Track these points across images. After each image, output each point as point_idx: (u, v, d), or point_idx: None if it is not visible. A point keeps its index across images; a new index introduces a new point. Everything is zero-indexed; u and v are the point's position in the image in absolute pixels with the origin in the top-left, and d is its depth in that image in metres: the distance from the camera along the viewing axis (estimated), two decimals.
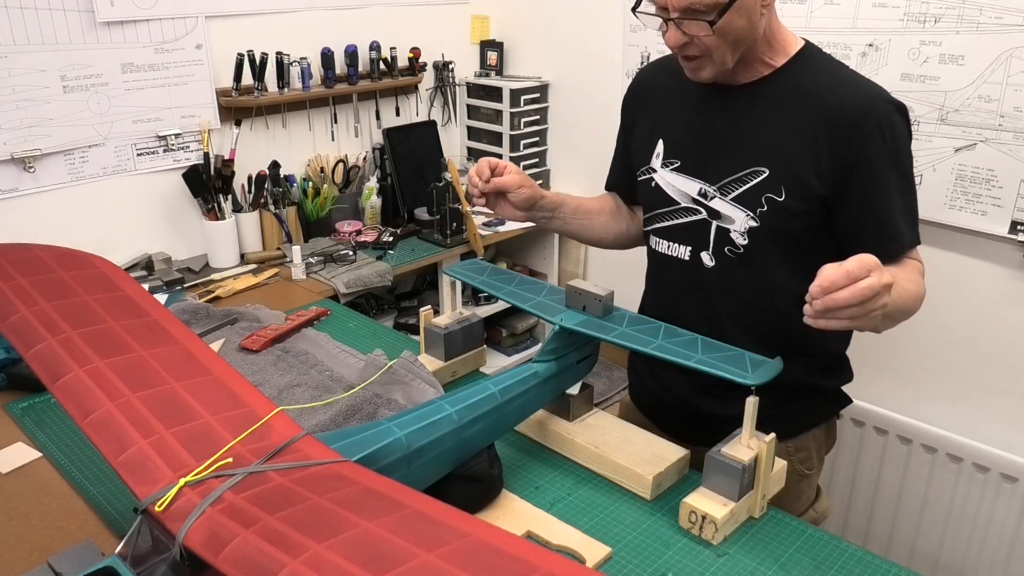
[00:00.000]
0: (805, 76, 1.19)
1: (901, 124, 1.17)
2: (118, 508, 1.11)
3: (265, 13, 2.30)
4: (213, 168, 2.18)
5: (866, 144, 1.14)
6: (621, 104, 1.46)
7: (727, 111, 1.23)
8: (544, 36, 2.78)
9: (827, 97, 1.16)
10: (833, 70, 1.20)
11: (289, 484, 0.79)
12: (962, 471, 1.97)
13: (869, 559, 1.03)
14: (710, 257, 1.26)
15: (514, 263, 2.95)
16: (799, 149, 1.17)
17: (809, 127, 1.16)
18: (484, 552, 0.69)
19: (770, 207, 1.19)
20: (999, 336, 1.90)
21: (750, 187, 1.20)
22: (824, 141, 1.15)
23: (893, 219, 1.17)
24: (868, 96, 1.16)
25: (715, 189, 1.23)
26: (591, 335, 1.16)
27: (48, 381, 0.94)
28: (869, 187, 1.16)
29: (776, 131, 1.19)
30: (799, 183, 1.17)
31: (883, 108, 1.15)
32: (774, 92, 1.20)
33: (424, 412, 1.01)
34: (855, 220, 1.18)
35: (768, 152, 1.19)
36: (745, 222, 1.21)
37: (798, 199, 1.18)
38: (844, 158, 1.15)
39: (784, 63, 1.21)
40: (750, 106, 1.22)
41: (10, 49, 1.86)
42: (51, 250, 1.21)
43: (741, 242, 1.23)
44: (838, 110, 1.15)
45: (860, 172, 1.15)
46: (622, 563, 1.01)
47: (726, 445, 1.06)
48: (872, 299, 0.92)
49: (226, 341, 1.59)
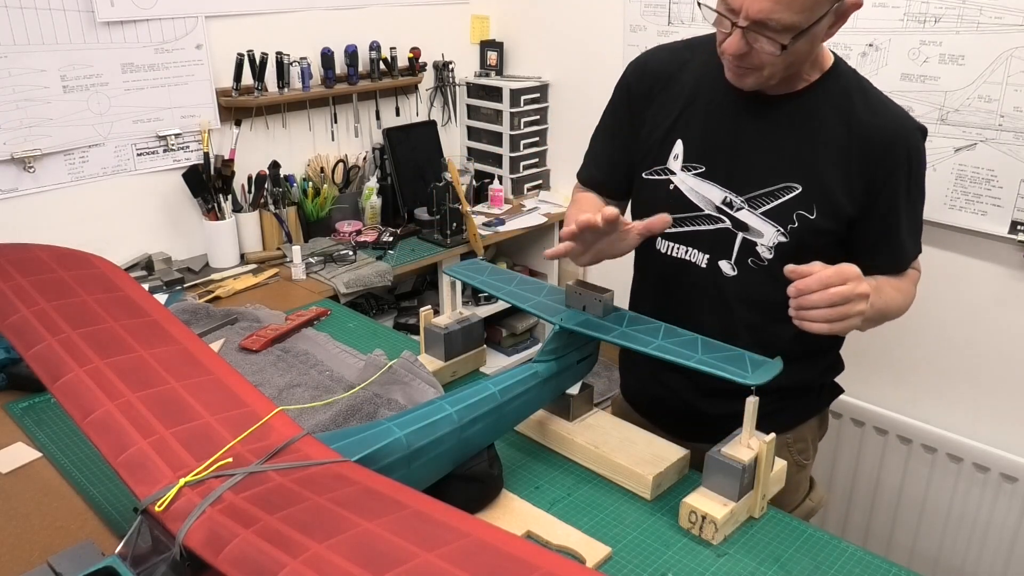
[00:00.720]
0: (838, 93, 1.18)
1: (923, 149, 1.19)
2: (118, 508, 1.11)
3: (265, 13, 2.30)
4: (213, 168, 2.18)
5: (895, 170, 1.16)
6: (617, 91, 1.35)
7: (758, 120, 1.20)
8: (544, 36, 2.78)
9: (861, 118, 1.16)
10: (864, 90, 1.20)
11: (289, 484, 0.79)
12: (962, 471, 1.97)
13: (869, 559, 1.03)
14: (731, 267, 1.24)
15: (514, 263, 2.95)
16: (832, 168, 1.16)
17: (843, 146, 1.16)
18: (484, 552, 0.69)
19: (801, 224, 1.18)
20: (999, 336, 1.90)
21: (782, 203, 1.18)
22: (856, 162, 1.15)
23: (903, 240, 1.21)
24: (900, 122, 1.17)
25: (742, 200, 1.20)
26: (591, 335, 1.16)
27: (48, 381, 0.93)
28: (889, 209, 1.18)
29: (810, 147, 1.17)
30: (831, 202, 1.17)
31: (914, 136, 1.17)
32: (808, 107, 1.18)
33: (424, 412, 1.00)
34: (869, 238, 1.20)
35: (801, 168, 1.17)
36: (774, 237, 1.19)
37: (829, 218, 1.18)
38: (873, 182, 1.16)
39: (818, 78, 1.19)
40: (783, 118, 1.19)
41: (10, 49, 1.86)
42: (51, 250, 1.21)
43: (766, 256, 1.21)
44: (873, 133, 1.15)
45: (884, 195, 1.17)
46: (622, 563, 1.01)
47: (726, 445, 1.06)
48: (845, 305, 1.01)
49: (226, 341, 1.59)
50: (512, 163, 2.82)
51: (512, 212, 2.72)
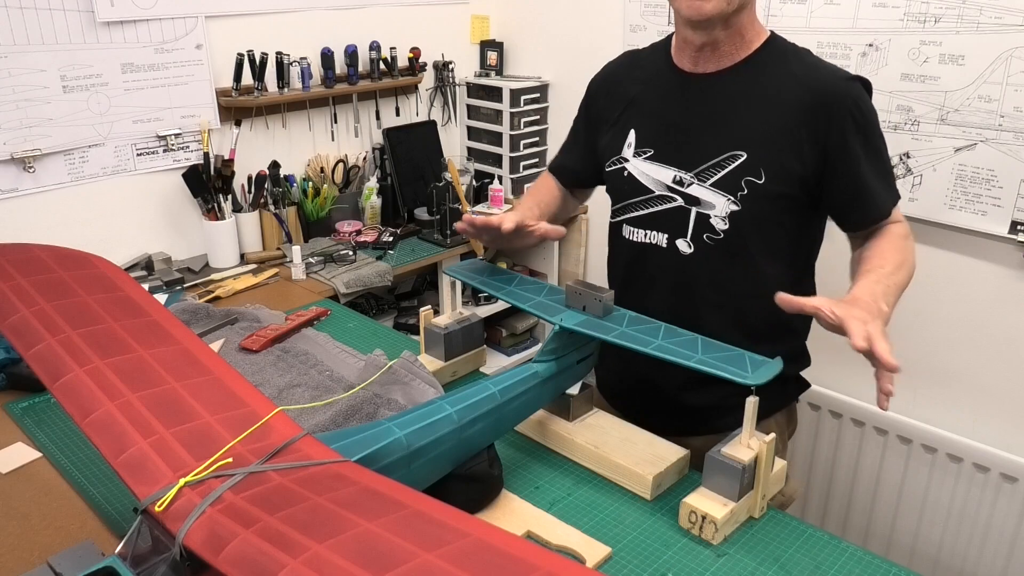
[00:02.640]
0: (775, 62, 1.24)
1: (867, 98, 1.22)
2: (118, 508, 1.11)
3: (265, 13, 2.30)
4: (213, 168, 2.18)
5: (843, 125, 1.19)
6: (586, 95, 1.47)
7: (700, 98, 1.26)
8: (544, 36, 2.78)
9: (800, 82, 1.21)
10: (800, 57, 1.25)
11: (289, 484, 0.79)
12: (962, 471, 1.97)
13: (869, 559, 1.03)
14: (688, 244, 1.28)
15: (514, 263, 2.95)
16: (777, 132, 1.20)
17: (785, 110, 1.20)
18: (484, 552, 0.69)
19: (751, 190, 1.22)
20: (999, 336, 1.90)
21: (729, 171, 1.22)
22: (802, 123, 1.19)
23: (873, 192, 1.23)
24: (839, 77, 1.21)
25: (691, 175, 1.25)
26: (591, 335, 1.16)
27: (48, 381, 0.94)
28: (848, 164, 1.21)
29: (751, 115, 1.22)
30: (779, 165, 1.21)
31: (853, 88, 1.20)
32: (748, 77, 1.24)
33: (424, 412, 1.00)
34: (840, 197, 1.24)
35: (745, 136, 1.22)
36: (726, 207, 1.23)
37: (779, 181, 1.21)
38: (825, 141, 1.19)
39: (753, 52, 1.25)
40: (723, 92, 1.24)
41: (10, 49, 1.86)
42: (51, 250, 1.21)
43: (722, 227, 1.24)
44: (812, 92, 1.19)
45: (840, 153, 1.20)
46: (622, 563, 1.01)
47: (726, 445, 1.06)
48: None
49: (226, 341, 1.59)
50: (512, 163, 2.82)
51: None
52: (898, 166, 1.96)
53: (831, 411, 2.18)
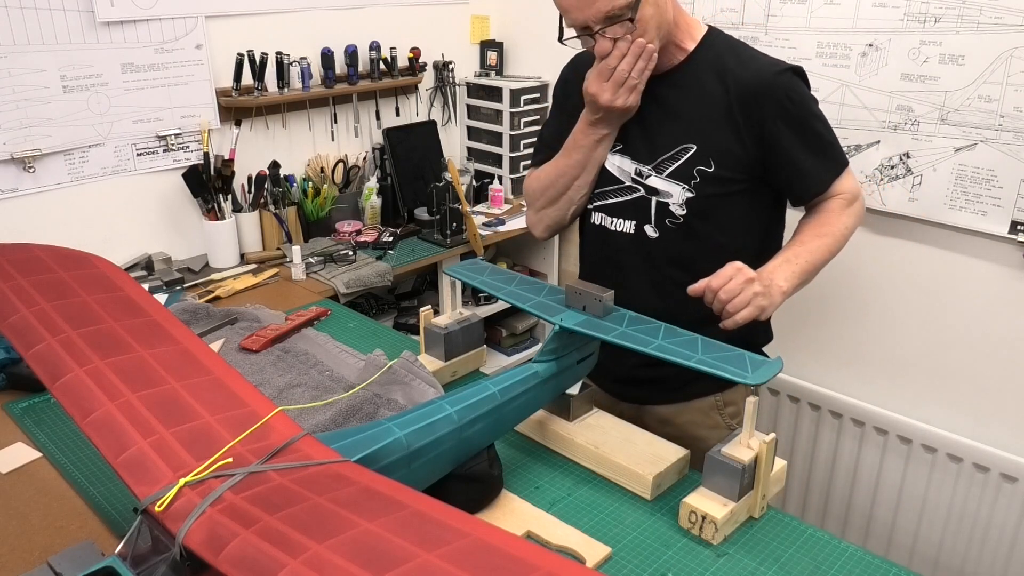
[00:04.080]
0: (713, 57, 1.33)
1: (801, 85, 1.32)
2: (118, 508, 1.11)
3: (265, 13, 2.30)
4: (213, 168, 2.18)
5: (775, 114, 1.28)
6: (560, 86, 1.54)
7: (653, 97, 1.34)
8: (544, 36, 2.77)
9: (735, 74, 1.30)
10: (737, 50, 1.35)
11: (289, 484, 0.79)
12: (962, 471, 1.97)
13: (869, 559, 1.03)
14: (653, 229, 1.37)
15: (514, 263, 2.95)
16: (719, 123, 1.31)
17: (724, 102, 1.30)
18: (484, 552, 0.69)
19: (702, 178, 1.32)
20: (999, 336, 1.90)
21: (682, 163, 1.33)
22: (739, 113, 1.29)
23: (807, 171, 1.33)
24: (769, 69, 1.30)
25: (650, 168, 1.35)
26: (591, 335, 1.16)
27: (48, 381, 0.93)
28: (783, 149, 1.30)
29: (696, 110, 1.32)
30: (725, 153, 1.31)
31: (783, 77, 1.30)
32: (690, 75, 1.34)
33: (424, 412, 1.00)
34: (778, 177, 1.34)
35: (693, 129, 1.32)
36: (682, 194, 1.33)
37: (726, 168, 1.31)
38: (759, 126, 1.29)
39: (694, 48, 1.34)
40: (671, 90, 1.34)
41: (10, 49, 1.86)
42: (51, 250, 1.21)
43: (680, 212, 1.34)
44: (746, 85, 1.29)
45: (774, 139, 1.30)
46: (622, 563, 1.01)
47: (726, 445, 1.06)
48: (740, 295, 1.17)
49: (226, 341, 1.59)
50: (512, 163, 2.82)
51: (512, 212, 2.72)
52: (898, 166, 1.96)
53: (831, 411, 2.18)
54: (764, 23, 2.09)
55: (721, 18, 2.16)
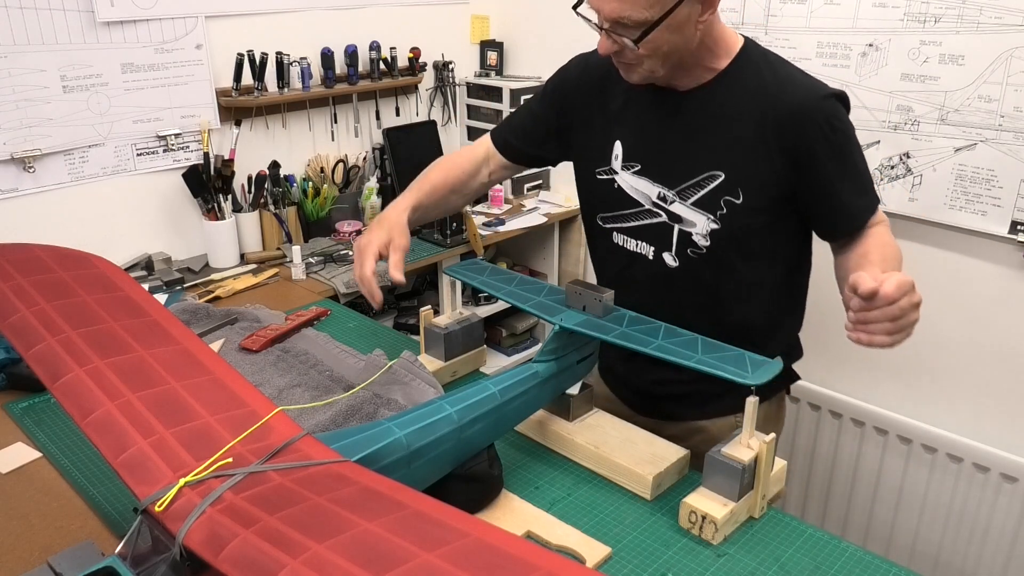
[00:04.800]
0: (749, 77, 1.22)
1: (843, 113, 1.22)
2: (118, 508, 1.11)
3: (265, 13, 2.30)
4: (213, 168, 2.17)
5: (814, 142, 1.18)
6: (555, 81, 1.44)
7: (678, 117, 1.25)
8: (544, 36, 2.78)
9: (772, 97, 1.19)
10: (774, 69, 1.23)
11: (289, 484, 0.79)
12: (962, 471, 1.97)
13: (869, 559, 1.03)
14: (673, 258, 1.29)
15: (514, 263, 2.95)
16: (751, 150, 1.20)
17: (758, 128, 1.19)
18: (484, 552, 0.69)
19: (729, 209, 1.22)
20: (999, 336, 1.90)
21: (708, 191, 1.23)
22: (774, 140, 1.19)
23: (845, 207, 1.23)
24: (811, 94, 1.20)
25: (674, 193, 1.26)
26: (591, 335, 1.16)
27: (48, 381, 0.93)
28: (822, 181, 1.21)
29: (727, 135, 1.21)
30: (756, 184, 1.21)
31: (827, 104, 1.19)
32: (720, 96, 1.22)
33: (424, 412, 1.00)
34: (814, 209, 1.25)
35: (721, 156, 1.22)
36: (706, 225, 1.24)
37: (756, 200, 1.21)
38: (796, 157, 1.19)
39: (726, 65, 1.23)
40: (699, 111, 1.24)
41: (10, 49, 1.86)
42: (51, 250, 1.21)
43: (703, 244, 1.26)
44: (784, 109, 1.18)
45: (812, 169, 1.20)
46: (622, 563, 1.01)
47: (726, 445, 1.06)
48: (903, 318, 1.01)
49: (226, 341, 1.59)
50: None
51: (512, 212, 2.72)
52: (898, 166, 1.96)
53: (831, 411, 2.18)
54: (764, 23, 2.09)
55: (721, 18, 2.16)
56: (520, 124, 1.50)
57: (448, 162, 1.51)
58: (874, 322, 1.01)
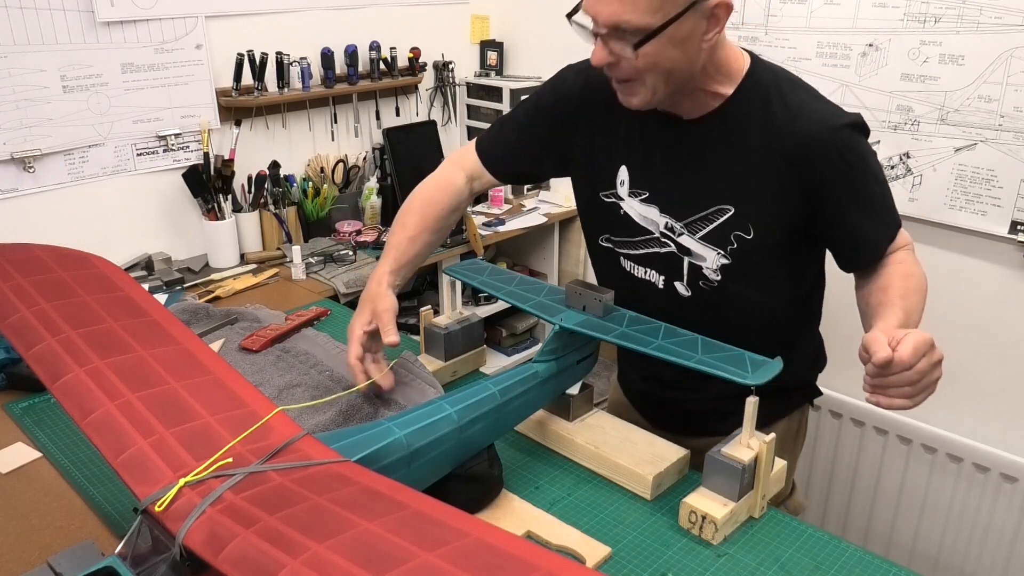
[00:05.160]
0: (757, 105, 1.15)
1: (860, 142, 1.15)
2: (118, 508, 1.11)
3: (265, 13, 2.30)
4: (213, 168, 2.18)
5: (827, 174, 1.12)
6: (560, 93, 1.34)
7: (684, 146, 1.20)
8: (544, 36, 2.78)
9: (781, 129, 1.13)
10: (783, 96, 1.15)
11: (289, 484, 0.79)
12: (962, 471, 1.97)
13: (869, 559, 1.03)
14: (685, 288, 1.25)
15: (514, 263, 2.95)
16: (762, 185, 1.15)
17: (769, 162, 1.14)
18: (484, 552, 0.69)
19: (740, 245, 1.18)
20: (999, 336, 1.90)
21: (717, 226, 1.18)
22: (786, 172, 1.13)
23: (863, 237, 1.18)
24: (823, 124, 1.12)
25: (682, 226, 1.21)
26: (591, 335, 1.16)
27: (48, 381, 0.93)
28: (835, 213, 1.16)
29: (736, 168, 1.16)
30: (767, 219, 1.16)
31: (840, 134, 1.12)
32: (728, 126, 1.16)
33: (424, 412, 1.00)
34: (831, 239, 1.21)
35: (731, 190, 1.17)
36: (716, 260, 1.20)
37: (768, 233, 1.17)
38: (807, 190, 1.14)
39: (733, 91, 1.16)
40: (706, 142, 1.18)
41: (10, 49, 1.86)
42: (51, 250, 1.21)
43: (714, 278, 1.22)
44: (794, 142, 1.12)
45: (827, 201, 1.15)
46: (622, 563, 1.01)
47: (726, 445, 1.06)
48: (924, 379, 0.99)
49: (226, 341, 1.59)
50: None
51: (512, 212, 2.72)
52: (898, 166, 1.96)
53: (831, 411, 2.18)
54: (764, 23, 2.09)
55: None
56: (511, 142, 1.40)
57: (424, 201, 1.40)
58: (892, 387, 0.98)
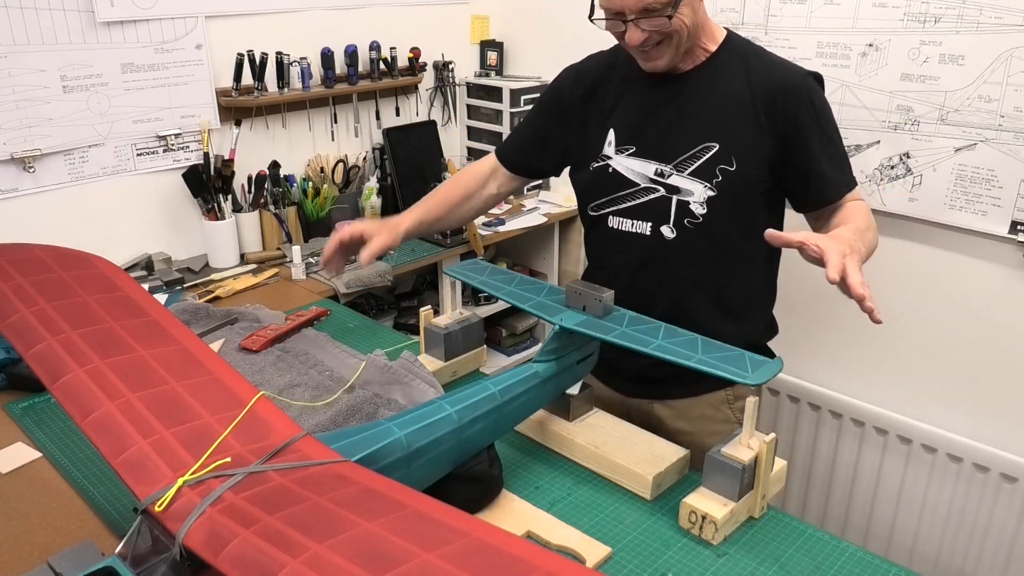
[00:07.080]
0: (737, 58, 1.35)
1: (821, 92, 1.34)
2: (118, 508, 1.11)
3: (265, 13, 2.30)
4: (213, 168, 2.17)
5: (799, 115, 1.30)
6: (550, 92, 1.53)
7: (674, 96, 1.36)
8: (544, 36, 2.78)
9: (760, 75, 1.32)
10: (756, 53, 1.36)
11: (289, 484, 0.79)
12: (962, 471, 1.97)
13: (869, 559, 1.03)
14: (671, 229, 1.36)
15: (514, 263, 2.95)
16: (742, 122, 1.32)
17: (748, 102, 1.31)
18: (484, 552, 0.69)
19: (724, 177, 1.32)
20: (999, 336, 1.90)
21: (704, 161, 1.33)
22: (763, 114, 1.30)
23: (825, 176, 1.33)
24: (794, 73, 1.33)
25: (671, 167, 1.35)
26: (591, 335, 1.16)
27: (48, 381, 0.93)
28: (804, 150, 1.32)
29: (720, 109, 1.33)
30: (747, 152, 1.31)
31: (807, 81, 1.33)
32: (712, 74, 1.34)
33: (424, 412, 1.01)
34: (795, 177, 1.34)
35: (716, 128, 1.32)
36: (703, 193, 1.33)
37: (749, 167, 1.32)
38: (782, 127, 1.30)
39: (716, 49, 1.35)
40: (694, 89, 1.35)
41: (10, 49, 1.86)
42: (51, 250, 1.21)
43: (700, 212, 1.34)
44: (771, 86, 1.31)
45: (797, 140, 1.31)
46: (622, 563, 1.01)
47: (726, 445, 1.06)
48: None
49: (226, 341, 1.59)
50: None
51: (512, 212, 2.72)
52: (898, 166, 1.96)
53: (831, 411, 2.18)
54: (764, 23, 2.09)
55: (721, 18, 2.16)
56: (520, 137, 1.60)
57: (454, 179, 1.64)
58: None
